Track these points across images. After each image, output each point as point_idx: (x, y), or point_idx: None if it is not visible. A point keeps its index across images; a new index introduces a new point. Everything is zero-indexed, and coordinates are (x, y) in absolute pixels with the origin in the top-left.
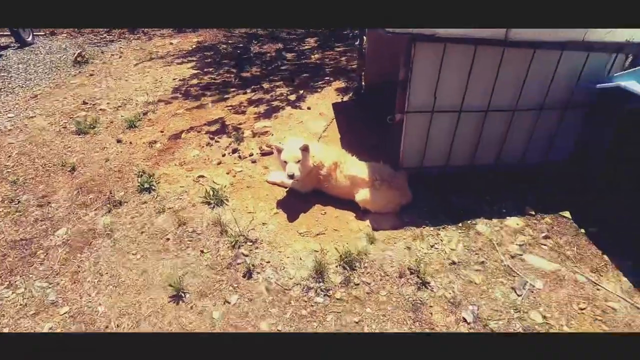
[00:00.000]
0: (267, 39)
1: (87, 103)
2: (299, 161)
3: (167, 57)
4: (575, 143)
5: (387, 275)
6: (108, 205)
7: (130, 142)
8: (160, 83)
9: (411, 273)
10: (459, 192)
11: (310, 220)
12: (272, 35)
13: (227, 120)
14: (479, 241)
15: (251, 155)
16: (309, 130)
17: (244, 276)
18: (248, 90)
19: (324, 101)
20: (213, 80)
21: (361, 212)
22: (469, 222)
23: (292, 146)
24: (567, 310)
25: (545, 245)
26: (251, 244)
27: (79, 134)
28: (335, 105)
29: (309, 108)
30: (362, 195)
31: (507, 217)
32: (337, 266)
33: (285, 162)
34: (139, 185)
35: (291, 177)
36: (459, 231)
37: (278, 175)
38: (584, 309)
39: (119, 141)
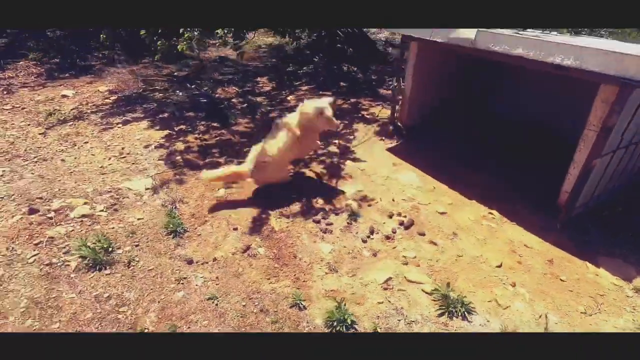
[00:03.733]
0: (208, 80)
1: (38, 212)
2: None
3: (89, 117)
4: None
5: None
6: None
7: (212, 261)
8: (133, 156)
9: None
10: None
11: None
12: (201, 75)
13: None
14: None
15: (395, 232)
16: (411, 186)
17: None
18: None
19: (372, 149)
20: (205, 142)
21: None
22: None
23: None
24: None
25: None
26: None
27: (97, 268)
28: (394, 152)
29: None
30: None
31: None
32: None
33: None
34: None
35: None
36: None
37: None
38: None
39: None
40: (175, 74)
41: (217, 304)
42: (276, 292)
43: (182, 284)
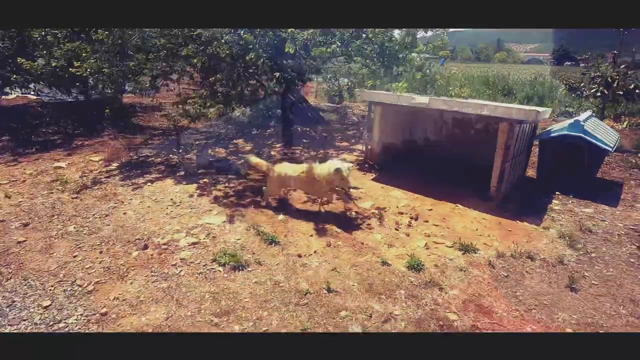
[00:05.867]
0: (189, 145)
1: (148, 247)
2: None
3: (108, 181)
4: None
5: None
6: None
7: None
8: (186, 203)
9: None
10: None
11: None
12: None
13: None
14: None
15: (411, 222)
16: (402, 198)
17: None
18: None
19: (361, 180)
20: (234, 188)
21: None
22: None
23: None
24: None
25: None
26: None
27: (240, 269)
28: (377, 180)
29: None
30: None
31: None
32: None
33: None
34: None
35: None
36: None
37: None
38: None
39: None
40: (150, 142)
41: (338, 272)
42: (367, 260)
43: (311, 266)
